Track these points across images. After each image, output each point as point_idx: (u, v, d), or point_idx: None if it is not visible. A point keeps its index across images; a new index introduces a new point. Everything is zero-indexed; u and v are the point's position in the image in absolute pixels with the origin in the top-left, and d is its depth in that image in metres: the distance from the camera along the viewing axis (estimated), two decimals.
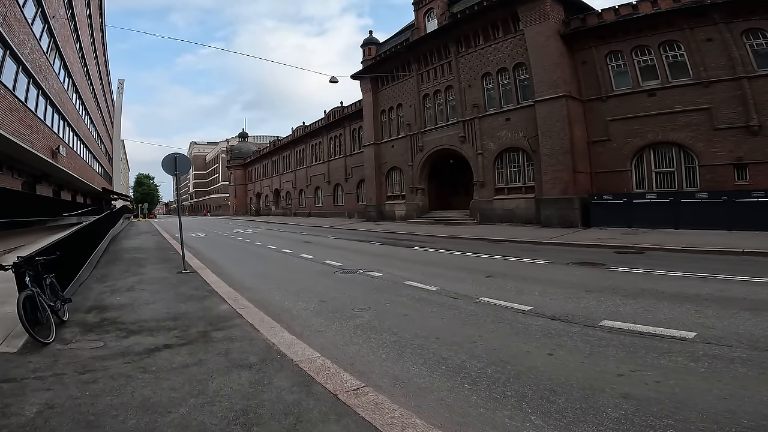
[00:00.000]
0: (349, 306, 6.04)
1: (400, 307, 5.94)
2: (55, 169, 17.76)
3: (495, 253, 11.04)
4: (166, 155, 9.15)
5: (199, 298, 6.29)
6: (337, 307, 5.98)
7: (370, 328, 4.98)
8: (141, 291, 6.99)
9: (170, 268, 9.45)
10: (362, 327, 5.02)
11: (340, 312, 5.73)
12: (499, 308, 5.69)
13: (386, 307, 5.99)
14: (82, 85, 24.65)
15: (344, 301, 6.37)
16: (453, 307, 5.83)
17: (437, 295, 6.57)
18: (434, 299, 6.33)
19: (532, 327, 4.83)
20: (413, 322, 5.22)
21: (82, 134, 24.71)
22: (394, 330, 4.87)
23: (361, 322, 5.22)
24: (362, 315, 5.56)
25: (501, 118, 19.37)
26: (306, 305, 6.15)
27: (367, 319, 5.34)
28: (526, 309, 5.56)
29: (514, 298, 6.13)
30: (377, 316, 5.47)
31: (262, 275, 8.85)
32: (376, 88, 27.84)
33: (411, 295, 6.63)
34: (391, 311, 5.74)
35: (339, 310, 5.85)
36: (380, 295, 6.73)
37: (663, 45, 15.47)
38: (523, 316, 5.28)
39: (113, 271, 9.35)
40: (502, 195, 19.52)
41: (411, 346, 4.29)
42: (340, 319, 5.40)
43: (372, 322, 5.24)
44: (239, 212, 63.23)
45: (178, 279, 8.00)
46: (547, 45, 17.27)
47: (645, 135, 15.62)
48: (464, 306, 5.89)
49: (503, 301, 5.97)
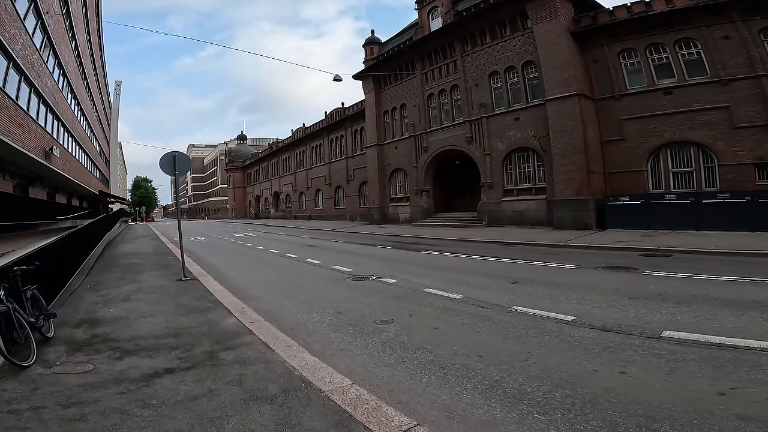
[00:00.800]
0: (369, 318, 5.44)
1: (427, 319, 5.34)
2: (49, 171, 17.08)
3: (512, 256, 10.45)
4: (164, 154, 8.53)
5: (202, 309, 5.66)
6: (357, 320, 5.37)
7: (399, 344, 4.38)
8: (137, 301, 6.36)
9: (169, 275, 8.82)
10: (390, 343, 4.41)
11: (361, 325, 5.13)
12: (538, 319, 5.12)
13: (411, 318, 5.39)
14: (77, 84, 24.00)
15: (362, 312, 5.76)
16: (486, 318, 5.25)
17: (464, 305, 5.98)
18: (462, 309, 5.74)
19: (585, 340, 4.27)
20: (447, 336, 4.62)
21: (77, 135, 24.02)
22: (427, 347, 4.28)
23: (388, 338, 4.61)
24: (387, 329, 4.95)
25: (510, 117, 18.83)
26: (321, 317, 5.53)
27: (394, 334, 4.74)
28: (570, 319, 5.00)
29: (551, 307, 5.57)
30: (404, 330, 4.87)
31: (269, 283, 8.23)
32: (379, 88, 27.29)
33: (435, 305, 6.04)
34: (418, 324, 5.14)
35: (359, 322, 5.25)
36: (401, 304, 6.13)
37: (678, 43, 14.98)
38: (569, 328, 4.72)
39: (108, 278, 8.71)
40: (511, 196, 18.95)
41: (453, 367, 3.70)
42: (363, 334, 4.79)
43: (399, 337, 4.64)
44: (238, 215, 62.49)
45: (177, 287, 7.37)
46: (558, 43, 16.77)
47: (662, 134, 15.09)
48: (498, 316, 5.31)
49: (540, 311, 5.41)
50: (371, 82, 27.33)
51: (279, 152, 49.83)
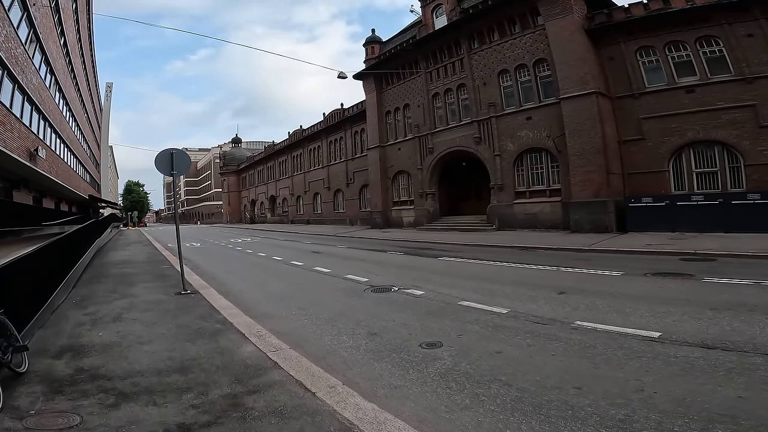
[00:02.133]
0: (411, 340, 4.57)
1: (482, 340, 4.49)
2: (34, 173, 15.98)
3: (540, 262, 9.62)
4: (160, 151, 7.59)
5: (210, 333, 4.74)
6: (397, 343, 4.50)
7: (464, 376, 3.53)
8: (132, 322, 5.42)
9: (166, 288, 7.87)
10: (452, 375, 3.56)
11: (405, 351, 4.26)
12: (615, 336, 4.34)
13: (462, 340, 4.53)
14: (66, 83, 22.90)
15: (400, 332, 4.89)
16: (552, 338, 4.44)
17: (515, 321, 5.16)
18: (516, 326, 4.92)
19: (696, 360, 3.56)
20: (518, 362, 3.80)
21: (65, 137, 22.88)
22: (500, 378, 3.45)
23: (446, 367, 3.76)
24: (439, 355, 4.10)
25: (521, 117, 18.12)
26: (353, 341, 4.65)
27: (451, 362, 3.89)
28: (656, 335, 4.24)
29: (622, 322, 4.80)
30: (461, 356, 4.02)
31: (280, 296, 7.31)
32: (380, 88, 26.50)
33: (481, 321, 5.21)
34: (473, 347, 4.29)
35: (401, 347, 4.38)
36: (441, 322, 5.27)
37: (699, 40, 14.38)
38: (661, 346, 3.96)
39: (96, 291, 7.74)
40: (523, 199, 18.19)
41: (551, 406, 2.88)
42: (413, 362, 3.92)
43: (459, 365, 3.79)
44: (233, 220, 61.21)
45: (177, 303, 6.43)
46: (572, 40, 16.12)
47: (684, 133, 14.44)
48: (564, 335, 4.51)
49: (612, 326, 4.64)
50: (372, 82, 26.55)
51: (275, 155, 48.80)
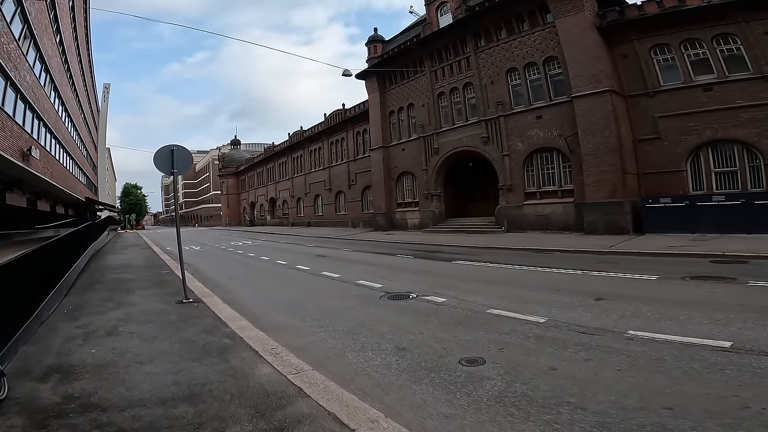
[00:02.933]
0: (446, 356, 4.04)
1: (528, 354, 3.97)
2: (29, 175, 15.39)
3: (563, 266, 9.09)
4: (159, 148, 7.03)
5: (219, 350, 4.18)
6: (432, 360, 3.97)
7: (523, 399, 3.01)
8: (129, 336, 4.85)
9: (166, 295, 7.30)
10: (509, 399, 3.03)
11: (444, 369, 3.72)
12: (681, 347, 3.87)
13: (505, 354, 4.00)
14: (61, 82, 22.31)
15: (431, 346, 4.35)
16: (608, 350, 3.96)
17: (558, 331, 4.65)
18: (562, 337, 4.41)
19: None
20: (581, 380, 3.30)
21: (61, 137, 22.27)
22: (568, 399, 2.96)
23: (498, 389, 3.23)
24: (484, 373, 3.57)
25: (531, 116, 17.62)
26: (382, 358, 4.09)
27: (502, 382, 3.36)
28: (727, 345, 3.78)
29: (681, 330, 4.33)
30: (511, 375, 3.50)
31: (290, 304, 6.75)
32: (384, 88, 25.99)
33: (519, 332, 4.69)
34: (521, 362, 3.76)
35: (438, 364, 3.84)
36: (474, 333, 4.74)
37: (716, 38, 13.93)
38: (738, 356, 3.53)
39: (91, 299, 7.15)
40: (533, 200, 17.67)
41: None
42: (456, 384, 3.39)
43: (513, 386, 3.27)
44: (232, 222, 60.54)
45: (179, 313, 5.86)
46: (584, 37, 15.67)
47: (702, 132, 13.97)
48: (620, 346, 4.03)
49: (673, 335, 4.16)
50: (375, 81, 26.04)
51: (275, 157, 48.22)
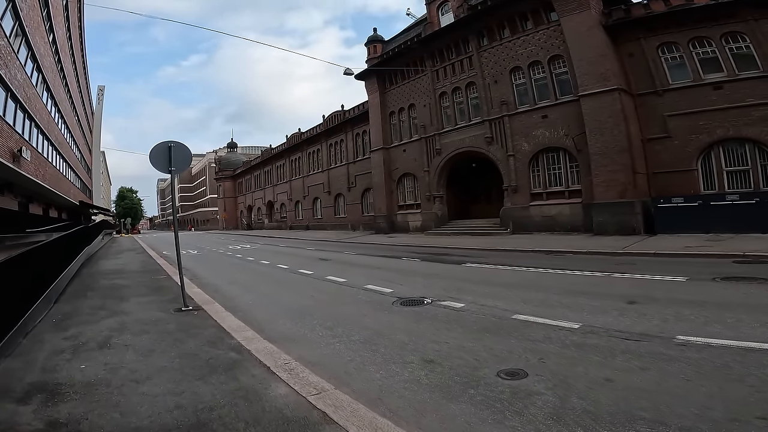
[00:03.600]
0: (481, 368, 3.64)
1: (573, 364, 3.59)
2: (19, 177, 14.87)
3: (579, 267, 8.69)
4: (156, 145, 6.55)
5: (225, 365, 3.71)
6: (465, 373, 3.55)
7: (587, 416, 2.64)
8: (123, 349, 4.37)
9: (163, 302, 6.81)
10: (569, 417, 2.65)
11: (483, 384, 3.29)
12: (742, 352, 3.58)
13: (547, 365, 3.61)
14: (54, 83, 21.77)
15: (462, 357, 3.94)
16: (663, 357, 3.60)
17: (596, 337, 4.28)
18: (603, 344, 4.05)
19: None
20: (647, 392, 2.98)
21: (54, 139, 21.71)
22: (640, 414, 2.65)
23: (552, 406, 2.84)
24: (530, 387, 3.16)
25: (536, 115, 17.29)
26: (408, 372, 3.65)
27: (554, 397, 2.95)
28: None
29: (735, 334, 4.02)
30: (561, 387, 3.12)
31: (297, 312, 6.28)
32: (384, 88, 25.63)
33: (554, 339, 4.32)
34: (568, 374, 3.37)
35: (474, 378, 3.42)
36: (504, 341, 4.34)
37: (725, 36, 13.70)
38: None
39: (82, 307, 6.65)
40: (539, 201, 17.31)
41: None
42: (501, 400, 2.96)
43: (569, 401, 2.89)
44: (229, 226, 59.87)
45: (178, 323, 5.38)
46: (591, 36, 15.39)
47: (713, 131, 13.67)
48: (675, 353, 3.67)
49: (729, 340, 3.85)
50: (375, 82, 25.68)
51: (272, 159, 47.74)
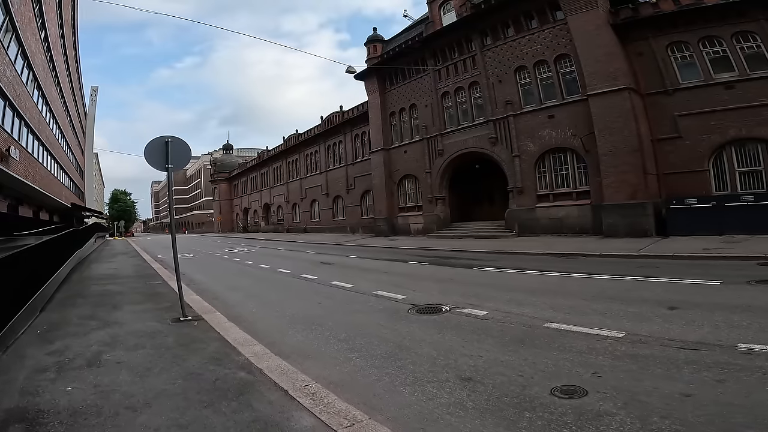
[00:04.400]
0: (530, 386, 3.20)
1: (636, 378, 3.19)
2: (8, 178, 14.23)
3: (599, 271, 8.29)
4: (151, 140, 6.05)
5: (236, 388, 3.20)
6: (515, 393, 3.09)
7: None
8: (116, 367, 3.85)
9: (160, 311, 6.28)
10: None
11: (539, 404, 2.85)
12: None
13: (605, 380, 3.19)
14: (46, 81, 21.13)
15: (504, 373, 3.50)
16: (733, 367, 3.28)
17: (647, 346, 3.97)
18: (659, 355, 3.71)
19: None
20: (739, 406, 2.63)
21: (45, 139, 21.05)
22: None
23: (631, 429, 2.34)
24: (598, 407, 2.77)
25: (542, 115, 16.94)
26: (449, 394, 3.18)
27: (630, 418, 2.58)
28: None
29: None
30: (634, 406, 2.74)
31: (306, 322, 5.77)
32: (384, 89, 25.21)
33: (601, 351, 3.93)
34: (634, 389, 2.99)
35: (527, 399, 2.97)
36: (545, 354, 3.93)
37: (736, 36, 13.46)
38: None
39: (70, 316, 6.10)
40: (546, 202, 16.93)
41: None
42: (567, 424, 2.56)
43: (650, 421, 2.52)
44: (225, 229, 59.08)
45: (177, 335, 4.86)
46: (599, 35, 15.09)
47: (725, 131, 13.38)
48: (746, 362, 3.38)
49: None
50: (375, 82, 25.27)
51: (269, 161, 47.16)
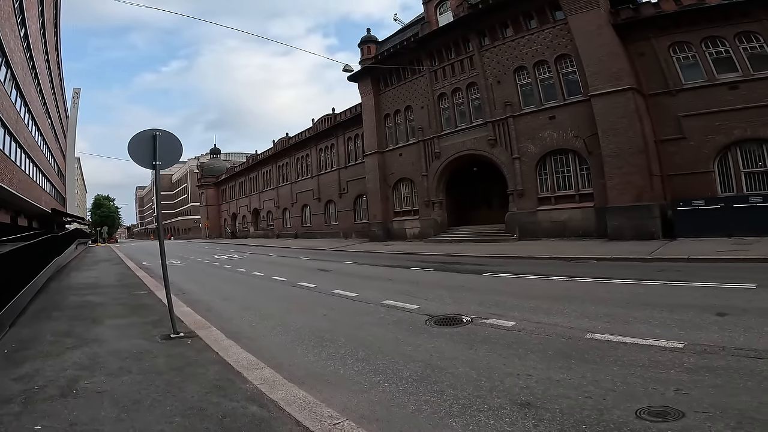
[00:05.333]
0: (611, 410, 2.71)
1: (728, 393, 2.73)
2: None
3: (619, 275, 7.82)
4: (136, 133, 5.37)
5: (248, 429, 2.57)
6: (593, 419, 2.61)
7: None
8: (96, 398, 3.18)
9: (146, 326, 5.59)
10: None
11: None
12: None
13: (693, 397, 2.74)
14: (25, 80, 20.08)
15: (568, 396, 2.95)
16: None
17: (718, 357, 3.55)
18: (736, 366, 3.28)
19: None
20: None
21: (23, 141, 19.98)
22: None
23: None
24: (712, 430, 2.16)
25: (542, 116, 16.62)
26: (511, 425, 2.62)
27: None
28: None
29: None
30: (754, 427, 2.11)
31: (315, 337, 5.14)
32: (378, 90, 24.74)
33: (668, 363, 3.47)
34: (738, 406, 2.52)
35: (615, 425, 2.51)
36: (604, 369, 3.41)
37: (739, 36, 13.35)
38: None
39: (43, 333, 5.36)
40: (548, 205, 16.56)
41: None
42: None
43: None
44: (212, 235, 57.69)
45: (169, 356, 4.18)
46: (601, 35, 14.87)
47: (730, 131, 13.19)
48: None
49: None
50: (369, 83, 24.77)
51: (258, 166, 46.20)
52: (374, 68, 23.93)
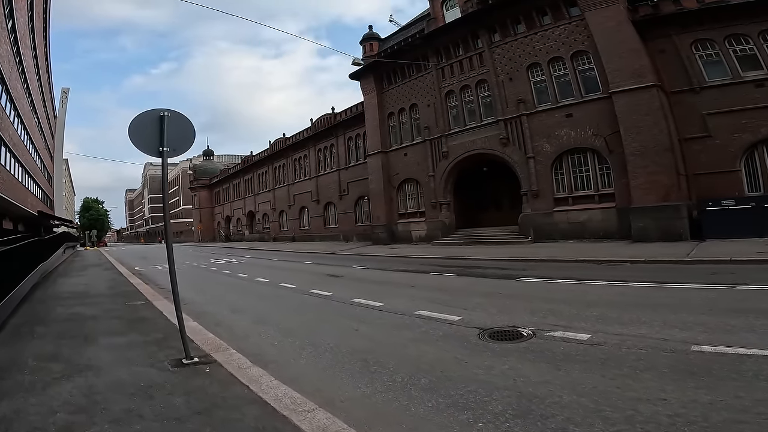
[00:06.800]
0: None
1: None
2: None
3: (663, 279, 7.12)
4: (140, 113, 4.49)
5: None
6: None
7: None
8: None
9: (150, 346, 4.70)
10: None
11: None
12: None
13: None
14: (11, 76, 18.95)
15: (745, 425, 2.13)
16: None
17: None
18: None
19: None
20: None
21: (8, 139, 18.83)
22: None
23: None
24: None
25: (558, 114, 15.98)
26: None
27: None
28: None
29: None
30: None
31: (356, 359, 4.29)
32: (381, 88, 23.96)
33: None
34: None
35: None
36: (754, 389, 2.57)
37: (763, 34, 12.92)
38: None
39: (24, 356, 4.44)
40: (565, 206, 15.89)
41: None
42: None
43: None
44: (205, 238, 56.35)
45: (186, 390, 3.31)
46: (620, 30, 14.35)
47: (756, 129, 12.68)
48: None
49: None
50: (372, 81, 24.01)
51: (253, 167, 45.13)
52: (378, 65, 23.18)
